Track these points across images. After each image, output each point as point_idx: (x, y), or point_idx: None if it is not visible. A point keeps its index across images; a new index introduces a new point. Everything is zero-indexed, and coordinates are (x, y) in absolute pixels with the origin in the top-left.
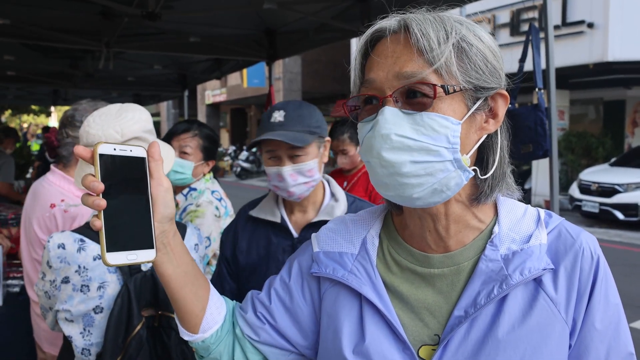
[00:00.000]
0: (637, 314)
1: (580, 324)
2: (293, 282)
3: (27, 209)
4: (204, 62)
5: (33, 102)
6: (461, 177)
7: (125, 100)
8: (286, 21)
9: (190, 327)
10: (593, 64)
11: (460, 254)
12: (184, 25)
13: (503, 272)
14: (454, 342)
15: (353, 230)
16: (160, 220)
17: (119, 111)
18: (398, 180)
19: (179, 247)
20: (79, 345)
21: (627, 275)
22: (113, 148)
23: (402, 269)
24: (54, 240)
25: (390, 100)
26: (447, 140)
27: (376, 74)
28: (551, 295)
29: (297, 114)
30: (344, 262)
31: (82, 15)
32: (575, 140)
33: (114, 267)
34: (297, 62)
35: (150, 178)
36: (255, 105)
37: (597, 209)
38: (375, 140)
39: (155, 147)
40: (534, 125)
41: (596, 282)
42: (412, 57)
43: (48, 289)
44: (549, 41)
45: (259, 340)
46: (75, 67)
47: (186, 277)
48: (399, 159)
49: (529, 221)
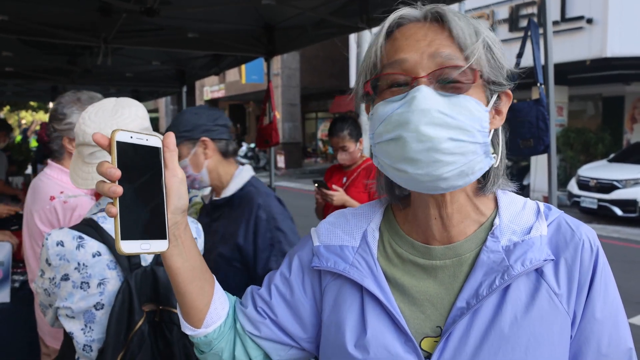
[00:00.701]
0: (636, 310)
1: (580, 315)
2: (294, 276)
3: (28, 205)
4: (202, 58)
5: (31, 98)
6: (485, 162)
7: (123, 96)
8: (285, 17)
9: (193, 322)
10: (592, 60)
11: (461, 246)
12: (182, 21)
13: (505, 263)
14: (456, 334)
15: (353, 224)
16: (174, 211)
17: (114, 107)
18: (433, 157)
19: (189, 240)
20: (81, 342)
21: (625, 272)
22: (130, 136)
23: (404, 261)
24: (52, 237)
25: (425, 81)
26: (480, 124)
27: (408, 54)
28: (552, 286)
29: (175, 122)
30: (345, 255)
31: (80, 11)
32: (574, 136)
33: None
34: (296, 58)
35: (165, 168)
36: (254, 101)
37: (596, 205)
38: (414, 114)
39: (171, 138)
40: (536, 120)
41: (595, 273)
42: (447, 42)
43: (47, 286)
44: (547, 37)
45: (260, 336)
46: (74, 64)
47: (194, 272)
48: (439, 134)
49: (528, 213)
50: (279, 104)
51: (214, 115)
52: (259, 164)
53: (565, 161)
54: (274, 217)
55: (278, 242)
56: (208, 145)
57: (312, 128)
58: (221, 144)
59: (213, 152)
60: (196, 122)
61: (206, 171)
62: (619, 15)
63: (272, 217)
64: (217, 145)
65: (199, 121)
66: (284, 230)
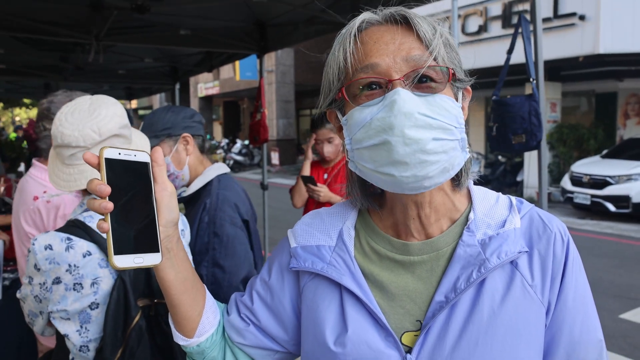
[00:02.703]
0: (627, 305)
1: (554, 304)
2: (274, 279)
3: (16, 205)
4: (195, 55)
5: (24, 95)
6: (462, 157)
7: (116, 94)
8: (276, 13)
9: (186, 332)
10: (585, 56)
11: (438, 240)
12: (174, 18)
13: (481, 256)
14: (436, 328)
15: (329, 223)
16: (165, 224)
17: (91, 107)
18: (420, 158)
19: (181, 252)
20: (77, 343)
21: (617, 267)
22: (118, 152)
23: (381, 258)
24: (40, 242)
25: (401, 83)
26: (457, 121)
27: (380, 58)
28: (527, 277)
29: (149, 122)
30: (322, 255)
31: (71, 8)
32: (567, 132)
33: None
34: (290, 54)
35: (155, 183)
36: (248, 98)
37: (589, 201)
38: (397, 118)
39: (159, 153)
40: (528, 115)
41: (567, 264)
42: (415, 44)
43: (38, 292)
44: (537, 33)
45: (245, 344)
46: (66, 60)
47: (186, 283)
48: (423, 136)
49: (502, 207)
50: (273, 101)
51: (190, 112)
52: (253, 161)
53: (558, 157)
54: (214, 222)
55: (212, 249)
56: (189, 141)
57: (307, 125)
58: (199, 140)
59: (193, 148)
60: (175, 120)
61: (187, 168)
62: (610, 12)
63: (212, 221)
64: (195, 141)
65: (178, 118)
66: (220, 236)
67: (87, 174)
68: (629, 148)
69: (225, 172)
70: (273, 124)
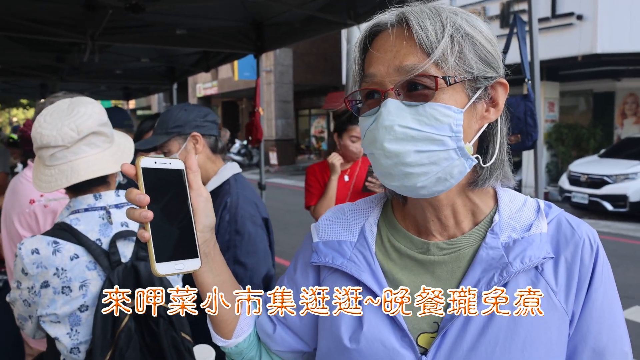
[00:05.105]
0: (624, 304)
1: (579, 314)
2: (299, 275)
3: (7, 206)
4: (192, 55)
5: (21, 95)
6: (464, 165)
7: (114, 94)
8: (273, 13)
9: (224, 333)
10: (582, 56)
11: (460, 241)
12: (170, 17)
13: (504, 259)
14: (453, 331)
15: (351, 219)
16: (202, 229)
17: (70, 107)
18: (402, 170)
19: (218, 256)
20: (68, 345)
21: (615, 266)
22: (154, 162)
23: (401, 256)
24: (26, 246)
25: (392, 93)
26: (450, 129)
27: (376, 68)
28: (551, 284)
29: (162, 119)
30: (342, 250)
31: (66, 7)
32: (566, 132)
33: (164, 276)
34: (289, 54)
35: (190, 189)
36: (247, 98)
37: (587, 200)
38: (378, 132)
39: (192, 160)
40: (524, 115)
41: (595, 272)
42: (411, 50)
43: (27, 296)
44: (533, 33)
45: (274, 348)
46: (62, 61)
47: (224, 286)
48: (403, 149)
49: (529, 211)
50: (272, 101)
51: (204, 112)
52: (252, 161)
53: (557, 156)
54: (235, 220)
55: (234, 247)
56: (199, 140)
57: (306, 125)
58: (211, 140)
59: (203, 147)
60: (186, 118)
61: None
62: (608, 12)
63: (234, 219)
64: (207, 140)
65: (189, 117)
66: (242, 234)
67: (67, 173)
68: (626, 147)
69: (239, 172)
70: (272, 124)
